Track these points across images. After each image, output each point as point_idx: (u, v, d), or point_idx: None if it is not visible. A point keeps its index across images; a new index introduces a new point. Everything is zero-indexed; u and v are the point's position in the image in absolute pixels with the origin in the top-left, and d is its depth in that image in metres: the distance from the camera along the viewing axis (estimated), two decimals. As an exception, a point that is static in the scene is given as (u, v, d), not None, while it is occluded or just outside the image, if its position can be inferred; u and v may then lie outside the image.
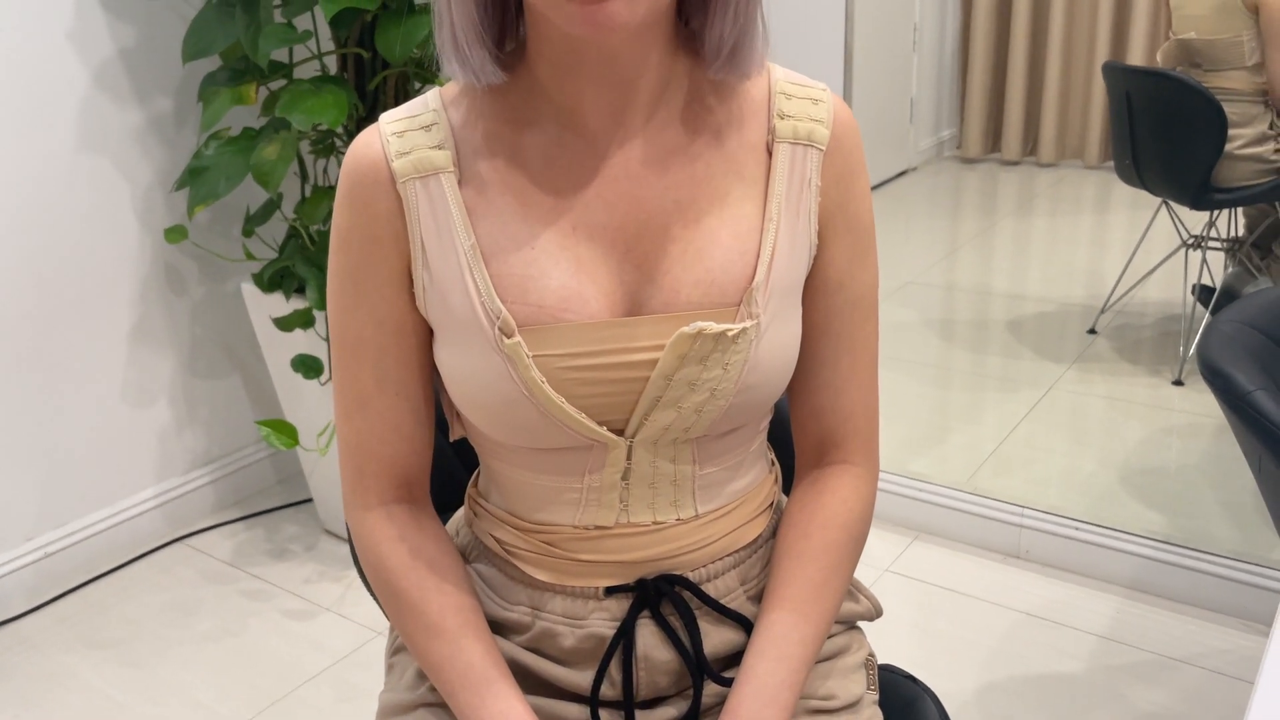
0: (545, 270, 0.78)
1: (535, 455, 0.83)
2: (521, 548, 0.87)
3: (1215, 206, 2.63)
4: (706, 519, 0.86)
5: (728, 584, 0.88)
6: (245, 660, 1.92)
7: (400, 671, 0.93)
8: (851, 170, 0.84)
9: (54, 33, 1.97)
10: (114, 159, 2.09)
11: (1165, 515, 2.11)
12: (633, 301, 0.79)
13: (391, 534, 0.85)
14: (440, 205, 0.79)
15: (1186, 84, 2.49)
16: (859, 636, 0.96)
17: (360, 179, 0.80)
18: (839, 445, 0.89)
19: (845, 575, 0.87)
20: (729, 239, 0.79)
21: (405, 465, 0.86)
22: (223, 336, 2.36)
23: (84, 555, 2.18)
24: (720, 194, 0.80)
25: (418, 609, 0.84)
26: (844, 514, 0.88)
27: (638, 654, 0.85)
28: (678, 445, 0.83)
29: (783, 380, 0.83)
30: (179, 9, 2.13)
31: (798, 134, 0.82)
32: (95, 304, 2.12)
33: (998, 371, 2.87)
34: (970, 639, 1.88)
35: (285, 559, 2.21)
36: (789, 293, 0.81)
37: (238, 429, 2.43)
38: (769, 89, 0.83)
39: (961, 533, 2.14)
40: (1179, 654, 1.81)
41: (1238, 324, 1.19)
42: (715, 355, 0.77)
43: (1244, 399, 1.05)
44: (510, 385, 0.77)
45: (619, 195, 0.79)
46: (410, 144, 0.80)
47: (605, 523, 0.84)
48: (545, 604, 0.87)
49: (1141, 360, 2.85)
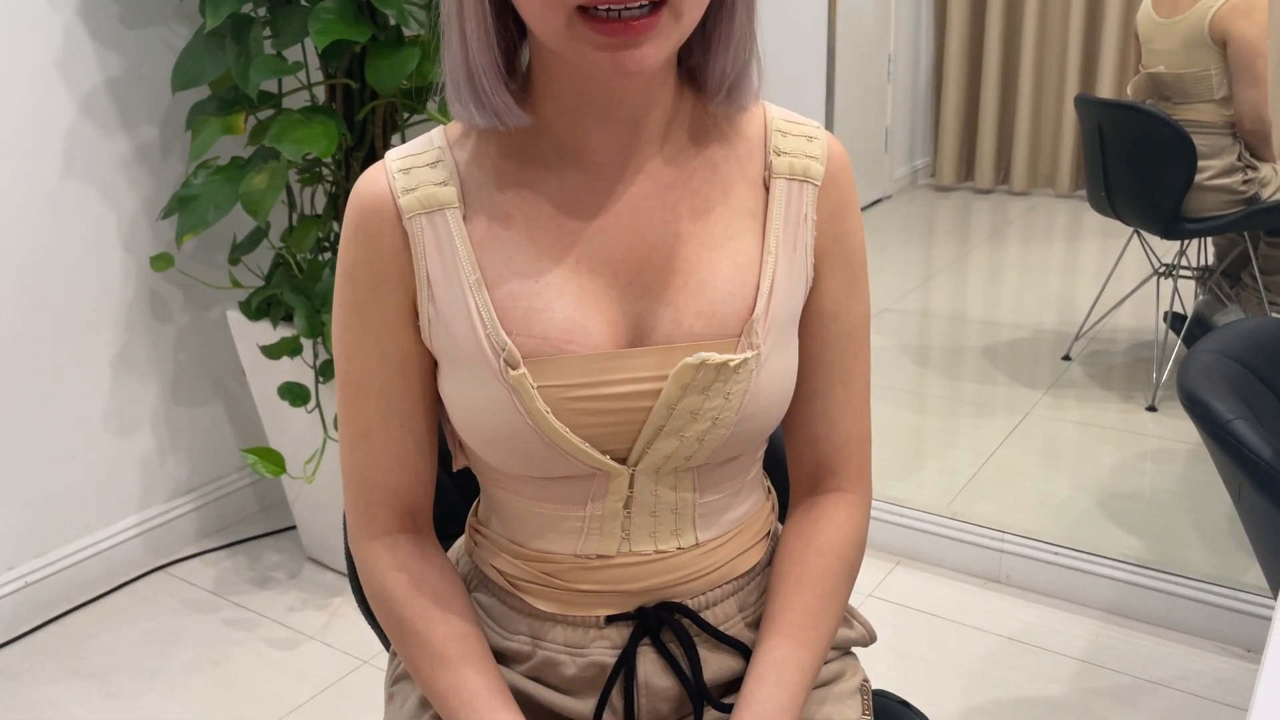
0: (549, 303, 0.79)
1: (537, 484, 0.84)
2: (521, 577, 0.88)
3: (1186, 236, 2.68)
4: (707, 547, 0.88)
5: (726, 611, 0.90)
6: (229, 690, 1.91)
7: (401, 700, 0.94)
8: (845, 205, 0.86)
9: (41, 61, 1.97)
10: (100, 187, 2.10)
11: (1142, 539, 2.14)
12: (635, 333, 0.81)
13: (395, 564, 0.86)
14: (446, 240, 0.80)
15: (1157, 116, 2.55)
16: (853, 662, 0.97)
17: (366, 215, 0.82)
18: (834, 473, 0.91)
19: (841, 601, 0.89)
20: (729, 271, 0.81)
21: (409, 495, 0.87)
22: (206, 364, 2.36)
23: (65, 584, 2.17)
24: (720, 228, 0.82)
25: (422, 638, 0.84)
26: (839, 540, 0.90)
27: (639, 681, 0.87)
28: (679, 474, 0.84)
29: (781, 409, 0.85)
30: (166, 39, 2.14)
31: (794, 170, 0.84)
32: (79, 331, 2.12)
33: (973, 397, 2.90)
34: (952, 663, 1.90)
35: (269, 587, 2.21)
36: (787, 324, 0.84)
37: (220, 457, 2.42)
38: (765, 126, 0.86)
39: (942, 558, 2.16)
40: (1157, 677, 1.84)
41: (1215, 354, 1.22)
42: (717, 385, 0.79)
43: (1224, 428, 1.07)
44: (514, 415, 0.79)
45: (622, 229, 0.81)
46: (416, 180, 0.81)
47: (607, 551, 0.86)
48: (546, 633, 0.88)
49: (1115, 386, 2.90)
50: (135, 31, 2.10)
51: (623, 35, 0.69)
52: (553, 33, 0.71)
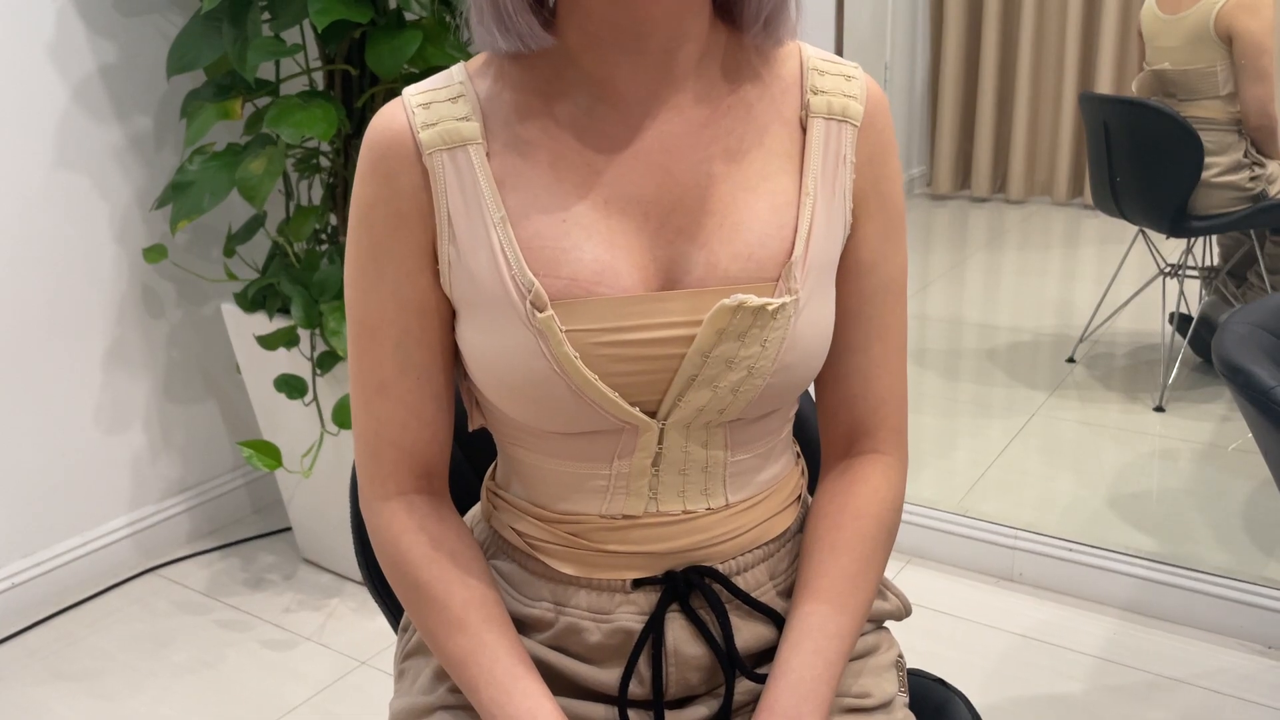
0: (578, 243, 0.75)
1: (562, 440, 0.80)
2: (544, 540, 0.84)
3: (1192, 234, 2.66)
4: (737, 508, 0.83)
5: (757, 578, 0.85)
6: (222, 692, 1.85)
7: (414, 676, 0.89)
8: (885, 149, 0.82)
9: (33, 47, 1.93)
10: (93, 177, 2.05)
11: (1155, 538, 2.10)
12: (667, 276, 0.77)
13: (412, 525, 0.82)
14: (468, 177, 0.76)
15: (1163, 113, 2.53)
16: (888, 636, 0.93)
17: (384, 152, 0.77)
18: (869, 434, 0.87)
19: (879, 567, 0.85)
20: (766, 213, 0.77)
21: (426, 454, 0.83)
22: (200, 360, 2.30)
23: (54, 585, 2.11)
24: (756, 168, 0.78)
25: (440, 602, 0.80)
26: (876, 504, 0.85)
27: (667, 649, 0.82)
28: (710, 429, 0.80)
29: (819, 359, 0.80)
30: (161, 26, 2.10)
31: (832, 109, 0.80)
32: (70, 325, 2.07)
33: (978, 399, 2.87)
34: (966, 661, 1.85)
35: (263, 588, 2.15)
36: (826, 270, 0.79)
37: (214, 456, 2.37)
38: (801, 64, 0.82)
39: (955, 556, 2.12)
40: (1176, 674, 1.79)
41: (1250, 325, 1.18)
42: (754, 331, 0.75)
43: (1266, 394, 1.04)
44: (541, 362, 0.74)
45: (653, 167, 0.77)
46: (437, 115, 0.77)
47: (634, 512, 0.81)
48: (569, 599, 0.83)
49: (1121, 387, 2.87)
50: (130, 19, 2.05)
51: None
52: None
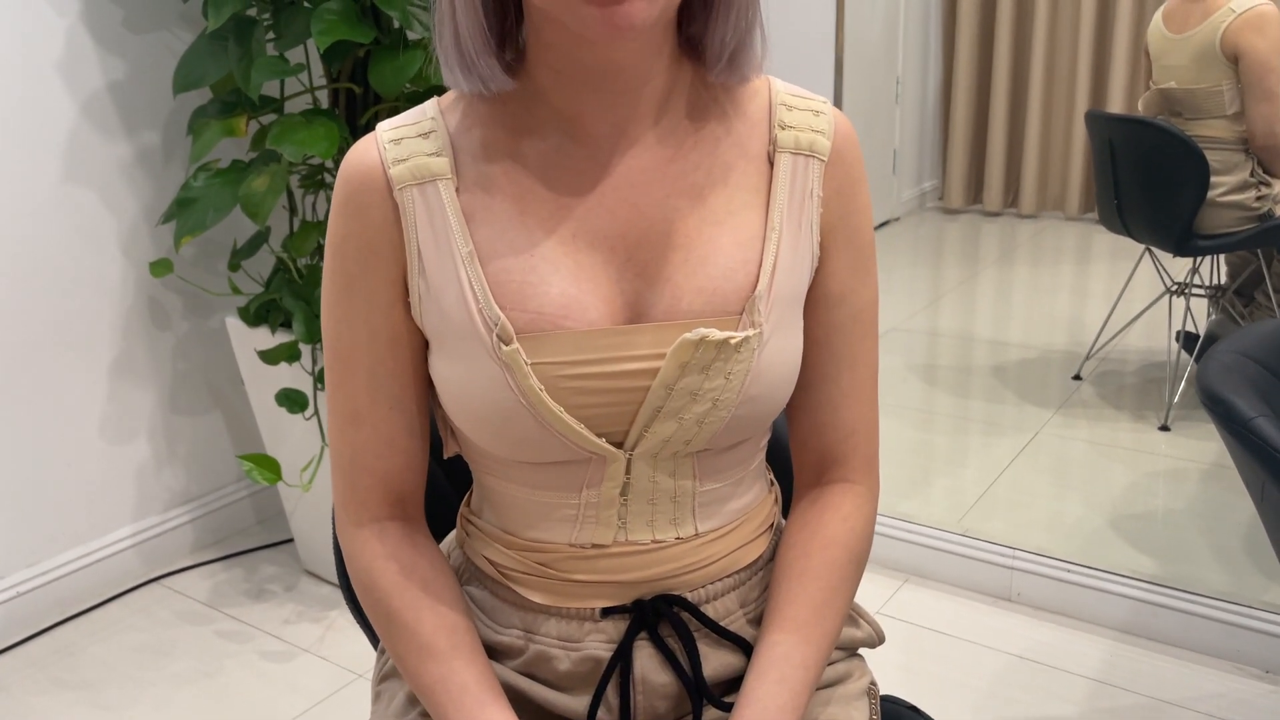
0: (545, 277, 0.76)
1: (531, 470, 0.81)
2: (514, 568, 0.85)
3: (1198, 253, 2.65)
4: (707, 538, 0.84)
5: (727, 606, 0.86)
6: (221, 703, 1.86)
7: (389, 699, 0.90)
8: (853, 182, 0.83)
9: (42, 64, 1.96)
10: (100, 192, 2.08)
11: (1155, 559, 2.09)
12: (633, 310, 0.78)
13: (384, 552, 0.83)
14: (438, 212, 0.77)
15: (1169, 132, 2.52)
16: (860, 664, 0.93)
17: (357, 186, 0.79)
18: (839, 463, 0.88)
19: (847, 596, 0.85)
20: (731, 247, 0.78)
21: (399, 480, 0.84)
22: (205, 373, 2.33)
23: (57, 595, 2.13)
24: (722, 203, 0.79)
25: (410, 629, 0.81)
26: (845, 533, 0.86)
27: (635, 677, 0.83)
28: (678, 459, 0.81)
29: (785, 392, 0.81)
30: (169, 44, 2.13)
31: (799, 144, 0.81)
32: (76, 337, 2.09)
33: (983, 416, 2.86)
34: (962, 681, 1.85)
35: (264, 600, 2.17)
36: (791, 303, 0.80)
37: (218, 467, 2.39)
38: (770, 100, 0.83)
39: (952, 575, 2.12)
40: (1172, 697, 1.79)
41: (1236, 354, 1.18)
42: (717, 364, 0.76)
43: (1245, 425, 1.04)
44: (507, 394, 0.76)
45: (620, 202, 0.78)
46: (408, 151, 0.79)
47: (603, 541, 0.82)
48: (539, 627, 0.84)
49: (1127, 406, 2.86)
50: (138, 36, 2.08)
51: None
52: None
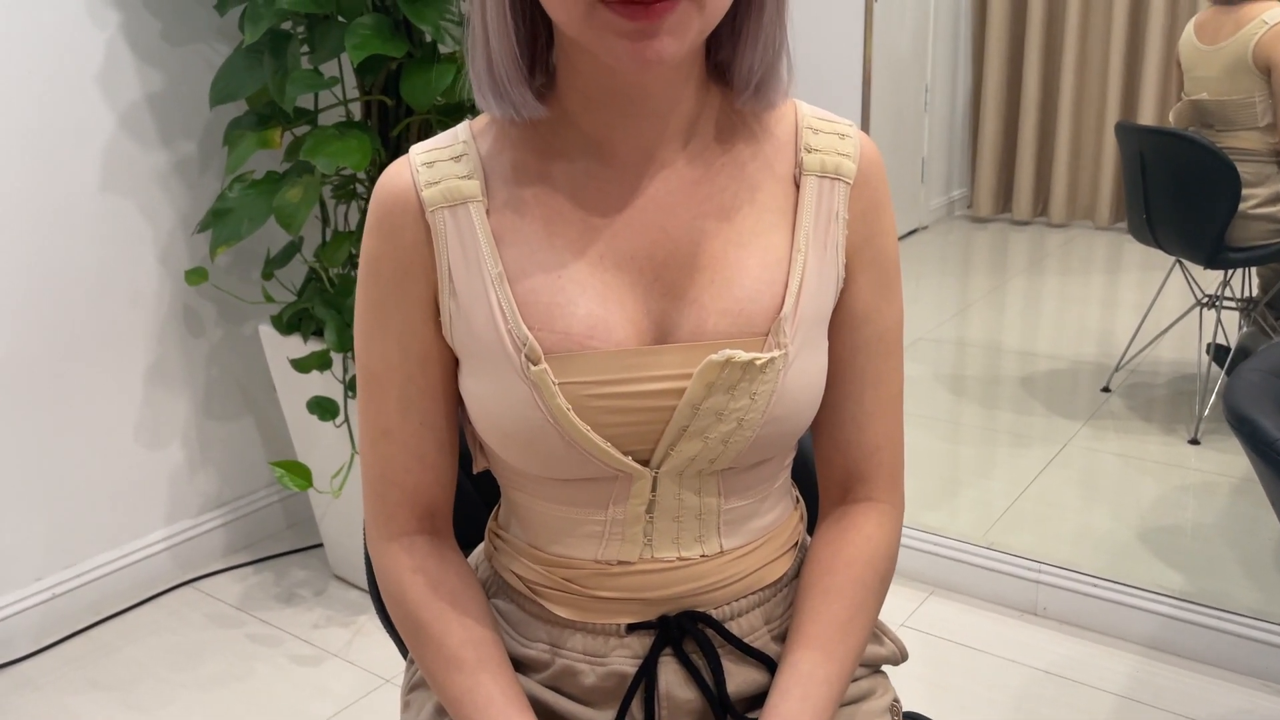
0: (572, 298, 0.78)
1: (558, 486, 0.82)
2: (541, 583, 0.86)
3: (1229, 266, 2.63)
4: (731, 555, 0.85)
5: (751, 623, 0.87)
6: (251, 705, 1.89)
7: (417, 708, 0.92)
8: (878, 205, 0.84)
9: (83, 75, 2.00)
10: (137, 201, 2.12)
11: (1183, 574, 2.08)
12: (659, 330, 0.79)
13: (412, 565, 0.85)
14: (468, 234, 0.79)
15: (1200, 144, 2.51)
16: (884, 681, 0.94)
17: (390, 208, 0.81)
18: (864, 481, 0.89)
19: (871, 614, 0.86)
20: (757, 269, 0.79)
21: (429, 495, 0.86)
22: (238, 379, 2.36)
23: (92, 597, 2.17)
24: (748, 225, 0.81)
25: (438, 641, 0.83)
26: (869, 551, 0.87)
27: (660, 692, 0.84)
28: (703, 477, 0.82)
29: (810, 412, 0.82)
30: (206, 56, 2.17)
31: (825, 168, 0.82)
32: (112, 344, 2.13)
33: (1011, 427, 2.85)
34: (986, 696, 1.84)
35: (294, 604, 2.19)
36: (817, 324, 0.81)
37: (250, 472, 2.42)
38: (796, 123, 0.84)
39: (978, 588, 2.11)
40: (1198, 714, 1.78)
41: (1263, 373, 1.18)
42: (743, 384, 0.77)
43: (1272, 445, 1.04)
44: (535, 413, 0.77)
45: (647, 224, 0.79)
46: (440, 174, 0.80)
47: (629, 557, 0.83)
48: (565, 641, 0.86)
49: (1157, 418, 2.84)
50: (176, 48, 2.12)
51: (644, 20, 0.67)
52: (574, 21, 0.70)
